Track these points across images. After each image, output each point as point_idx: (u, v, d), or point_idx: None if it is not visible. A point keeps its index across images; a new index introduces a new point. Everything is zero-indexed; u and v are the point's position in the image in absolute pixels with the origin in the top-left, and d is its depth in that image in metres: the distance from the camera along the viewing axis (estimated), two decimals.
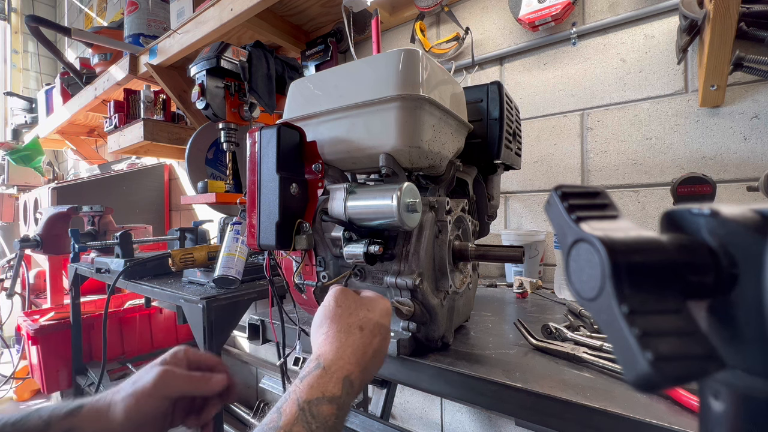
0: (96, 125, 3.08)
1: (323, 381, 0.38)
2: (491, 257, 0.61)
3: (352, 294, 0.50)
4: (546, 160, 1.23)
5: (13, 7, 4.54)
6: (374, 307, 0.48)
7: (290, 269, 0.66)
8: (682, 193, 0.78)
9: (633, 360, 0.16)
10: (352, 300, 0.48)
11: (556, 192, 0.21)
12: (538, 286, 1.05)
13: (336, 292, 0.50)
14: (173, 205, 2.81)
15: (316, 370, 0.40)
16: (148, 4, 2.06)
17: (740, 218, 0.17)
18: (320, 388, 0.38)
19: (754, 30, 0.83)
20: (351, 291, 0.51)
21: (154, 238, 1.87)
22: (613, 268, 0.17)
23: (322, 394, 0.37)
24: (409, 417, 1.57)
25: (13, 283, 2.56)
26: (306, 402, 0.36)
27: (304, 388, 0.38)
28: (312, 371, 0.40)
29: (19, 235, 3.29)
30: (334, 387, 0.38)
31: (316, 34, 1.77)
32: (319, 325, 0.47)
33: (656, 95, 1.05)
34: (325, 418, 0.36)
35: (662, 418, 0.40)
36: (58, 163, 4.37)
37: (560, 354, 0.58)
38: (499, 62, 1.32)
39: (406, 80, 0.56)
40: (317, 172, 0.60)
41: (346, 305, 0.47)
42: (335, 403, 0.37)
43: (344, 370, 0.40)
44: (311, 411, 0.36)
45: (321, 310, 0.48)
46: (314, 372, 0.39)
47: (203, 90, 1.11)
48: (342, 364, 0.41)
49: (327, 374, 0.39)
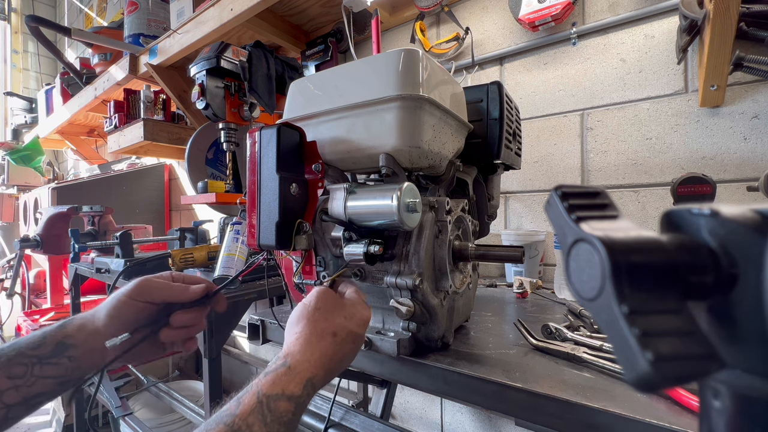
0: (96, 125, 3.09)
1: (286, 379, 0.39)
2: (491, 257, 0.61)
3: (333, 297, 0.50)
4: (546, 160, 1.23)
5: (13, 7, 4.54)
6: (353, 315, 0.48)
7: (290, 269, 0.66)
8: (682, 193, 0.78)
9: (633, 360, 0.16)
10: (332, 303, 0.49)
11: (556, 192, 0.21)
12: (538, 286, 1.05)
13: (318, 293, 0.50)
14: (173, 205, 2.81)
15: (282, 368, 0.40)
16: (148, 4, 2.06)
17: (740, 218, 0.17)
18: (282, 385, 0.39)
19: (754, 30, 0.83)
20: (333, 293, 0.51)
21: (154, 238, 1.87)
22: (613, 268, 0.17)
23: (282, 391, 0.38)
24: (409, 417, 1.57)
25: (13, 283, 2.56)
26: (265, 395, 0.37)
27: (267, 383, 0.39)
28: (278, 368, 0.41)
29: (19, 235, 3.29)
30: (296, 387, 0.39)
31: (316, 34, 1.77)
32: (294, 323, 0.47)
33: (656, 95, 1.05)
34: (281, 413, 0.37)
35: (662, 418, 0.40)
36: (58, 163, 4.37)
37: (560, 354, 0.58)
38: (499, 62, 1.32)
39: (406, 80, 0.56)
40: (317, 172, 0.60)
41: (325, 308, 0.48)
42: (293, 402, 0.38)
43: (308, 372, 0.41)
44: (269, 405, 0.37)
45: (300, 307, 0.49)
46: (279, 369, 0.40)
47: (203, 90, 1.11)
48: (308, 366, 0.41)
49: (291, 373, 0.40)
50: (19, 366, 0.46)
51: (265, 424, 0.36)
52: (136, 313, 0.52)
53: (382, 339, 0.58)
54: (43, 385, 0.47)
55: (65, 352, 0.49)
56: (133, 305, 0.51)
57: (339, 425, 1.01)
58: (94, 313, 0.52)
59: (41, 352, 0.48)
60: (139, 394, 1.82)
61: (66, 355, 0.49)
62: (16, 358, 0.47)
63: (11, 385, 0.45)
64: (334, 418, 1.04)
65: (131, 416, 1.44)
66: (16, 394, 0.46)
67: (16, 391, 0.46)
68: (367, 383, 1.54)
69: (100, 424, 2.01)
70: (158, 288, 0.53)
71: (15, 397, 0.46)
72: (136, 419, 1.43)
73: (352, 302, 0.51)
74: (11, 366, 0.46)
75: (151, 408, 1.76)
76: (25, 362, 0.47)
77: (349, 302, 0.50)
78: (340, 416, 1.04)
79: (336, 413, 1.06)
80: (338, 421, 1.03)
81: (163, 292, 0.53)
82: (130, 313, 0.51)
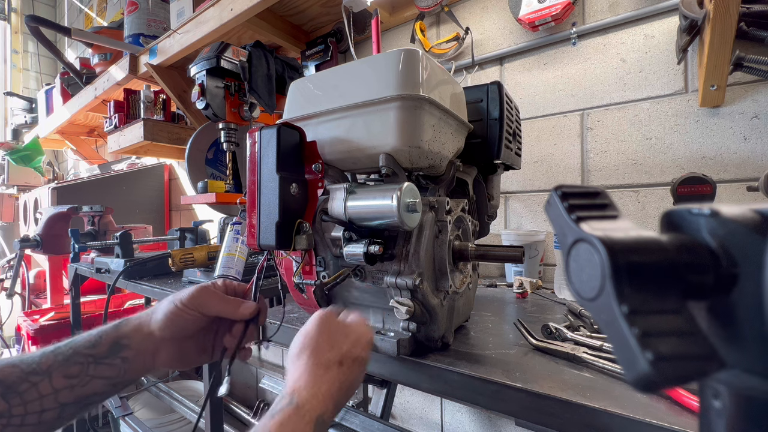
0: (96, 125, 3.08)
1: (295, 419, 0.37)
2: (491, 257, 0.61)
3: (335, 321, 0.48)
4: (546, 160, 1.23)
5: (13, 7, 4.54)
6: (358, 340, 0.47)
7: (290, 269, 0.66)
8: (682, 193, 0.78)
9: (633, 360, 0.16)
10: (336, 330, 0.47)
11: (556, 192, 0.21)
12: (538, 286, 1.05)
13: (319, 319, 0.48)
14: (173, 205, 2.81)
15: (289, 408, 0.38)
16: (148, 4, 2.06)
17: (740, 218, 0.17)
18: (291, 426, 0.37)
19: (754, 30, 0.83)
20: (334, 317, 0.49)
21: (154, 238, 1.87)
22: (613, 268, 0.17)
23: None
24: (409, 417, 1.57)
25: (13, 283, 2.56)
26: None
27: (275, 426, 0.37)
28: (284, 408, 0.38)
29: (19, 235, 3.29)
30: (306, 426, 0.37)
31: (316, 34, 1.77)
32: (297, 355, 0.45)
33: (656, 95, 1.05)
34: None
35: (662, 418, 0.40)
36: (58, 163, 4.37)
37: (560, 354, 0.58)
38: (499, 62, 1.32)
39: (406, 80, 0.56)
40: (317, 172, 0.60)
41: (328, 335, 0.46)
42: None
43: (317, 409, 0.39)
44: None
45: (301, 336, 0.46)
46: (286, 409, 0.38)
47: (203, 90, 1.11)
48: (316, 404, 0.39)
49: (299, 413, 0.38)
50: (75, 365, 0.46)
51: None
52: (190, 322, 0.52)
53: (382, 339, 0.58)
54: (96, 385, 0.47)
55: (119, 353, 0.49)
56: (188, 315, 0.52)
57: (339, 425, 1.01)
58: (150, 315, 0.52)
59: (97, 352, 0.48)
60: (139, 394, 1.82)
61: (120, 355, 0.49)
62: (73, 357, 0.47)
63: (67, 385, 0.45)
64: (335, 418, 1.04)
65: (131, 416, 1.44)
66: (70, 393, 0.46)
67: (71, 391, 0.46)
68: (367, 383, 1.54)
69: (100, 424, 2.01)
70: (213, 301, 0.53)
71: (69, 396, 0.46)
72: (136, 419, 1.43)
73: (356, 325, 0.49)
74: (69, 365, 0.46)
75: (151, 408, 1.76)
76: (81, 361, 0.47)
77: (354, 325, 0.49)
78: (340, 416, 1.04)
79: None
80: (338, 421, 1.03)
81: (217, 307, 0.53)
82: (186, 321, 0.52)
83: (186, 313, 0.51)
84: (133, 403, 1.75)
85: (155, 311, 0.53)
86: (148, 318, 0.52)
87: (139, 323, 0.52)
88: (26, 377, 0.44)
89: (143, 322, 0.52)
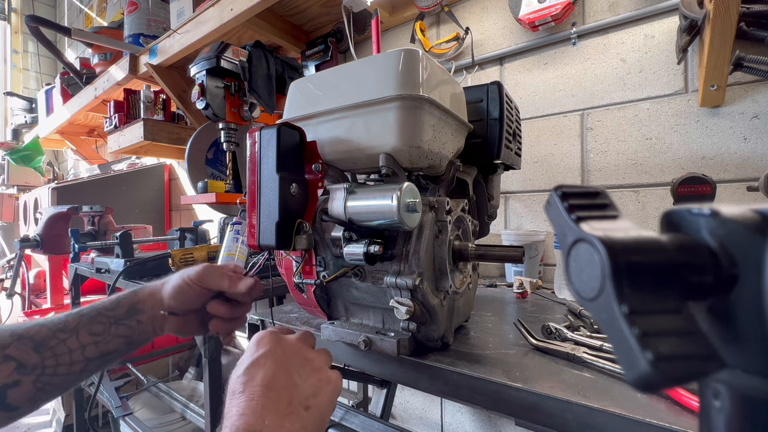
0: (96, 125, 3.08)
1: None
2: (491, 257, 0.61)
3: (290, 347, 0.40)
4: (546, 160, 1.23)
5: (13, 7, 4.54)
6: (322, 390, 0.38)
7: (290, 269, 0.66)
8: (682, 193, 0.78)
9: (633, 360, 0.16)
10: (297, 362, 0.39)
11: (556, 192, 0.21)
12: (538, 286, 1.05)
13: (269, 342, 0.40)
14: (173, 205, 2.81)
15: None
16: (148, 4, 2.06)
17: (740, 218, 0.17)
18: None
19: (754, 30, 0.83)
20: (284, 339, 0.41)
21: (154, 238, 1.87)
22: (613, 268, 0.17)
23: None
24: (409, 417, 1.57)
25: (13, 283, 2.56)
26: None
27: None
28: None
29: (19, 235, 3.29)
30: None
31: (316, 34, 1.77)
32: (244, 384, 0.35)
33: (656, 95, 1.05)
34: None
35: (662, 418, 0.40)
36: (58, 163, 4.37)
37: (560, 354, 0.58)
38: (499, 62, 1.32)
39: (406, 80, 0.56)
40: (317, 172, 0.60)
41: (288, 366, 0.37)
42: None
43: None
44: None
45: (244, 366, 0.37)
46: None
47: (203, 90, 1.11)
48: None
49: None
50: (99, 324, 0.52)
51: None
52: (195, 295, 0.56)
53: (382, 339, 0.58)
54: (116, 343, 0.53)
55: (135, 316, 0.55)
56: (194, 289, 0.56)
57: (339, 425, 1.01)
58: (162, 286, 0.58)
59: (116, 313, 0.54)
60: (139, 394, 1.82)
61: (136, 318, 0.55)
62: (96, 317, 0.52)
63: (92, 341, 0.51)
64: (334, 418, 1.04)
65: (131, 416, 1.44)
66: (95, 349, 0.51)
67: (95, 347, 0.51)
68: (367, 383, 1.54)
69: (100, 424, 2.01)
70: (215, 277, 0.56)
71: (94, 351, 0.51)
72: (136, 419, 1.43)
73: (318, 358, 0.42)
74: (92, 323, 0.52)
75: (151, 408, 1.76)
76: (103, 321, 0.53)
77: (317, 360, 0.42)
78: (340, 416, 1.04)
79: (336, 413, 1.06)
80: (338, 421, 1.03)
81: (218, 282, 0.56)
82: (191, 294, 0.56)
83: (191, 287, 0.55)
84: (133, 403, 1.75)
85: (166, 282, 0.57)
86: (159, 288, 0.57)
87: (153, 291, 0.57)
88: (54, 334, 0.49)
89: (156, 290, 0.57)
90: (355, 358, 0.65)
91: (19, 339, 0.47)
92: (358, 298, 0.64)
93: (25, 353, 0.46)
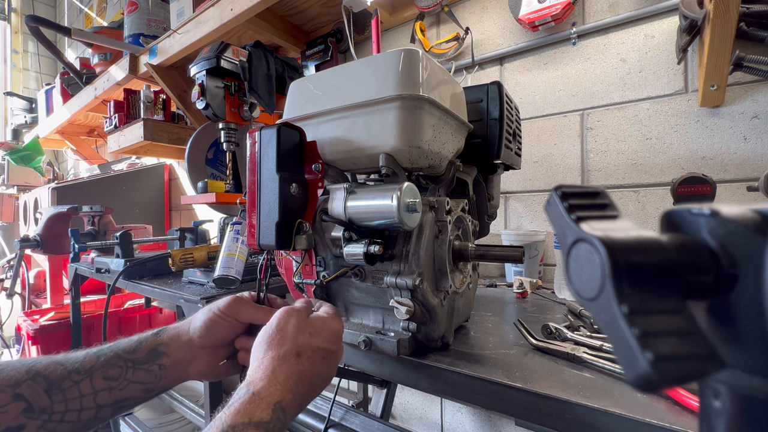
0: (96, 125, 3.08)
1: (251, 407, 0.37)
2: (491, 257, 0.61)
3: (296, 317, 0.48)
4: (546, 160, 1.23)
5: (13, 7, 4.54)
6: (318, 331, 0.46)
7: (290, 269, 0.66)
8: (682, 193, 0.78)
9: (633, 360, 0.16)
10: (294, 324, 0.46)
11: (556, 192, 0.21)
12: (538, 286, 1.05)
13: (279, 315, 0.48)
14: (173, 205, 2.81)
15: (246, 396, 0.38)
16: (148, 4, 2.06)
17: (740, 218, 0.17)
18: (247, 413, 0.36)
19: (754, 30, 0.83)
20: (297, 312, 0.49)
21: (154, 238, 1.87)
22: (613, 268, 0.17)
23: (248, 419, 0.36)
24: (409, 417, 1.57)
25: (13, 283, 2.56)
26: (231, 427, 0.35)
27: (230, 414, 0.36)
28: (241, 398, 0.38)
29: (19, 235, 3.29)
30: (263, 412, 0.37)
31: (316, 34, 1.77)
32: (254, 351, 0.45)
33: (656, 95, 1.05)
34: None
35: (662, 418, 0.40)
36: (58, 163, 4.37)
37: (560, 354, 0.58)
38: (499, 62, 1.32)
39: (406, 80, 0.56)
40: (317, 172, 0.60)
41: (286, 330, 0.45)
42: (263, 428, 0.36)
43: (275, 396, 0.39)
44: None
45: (261, 332, 0.47)
46: (243, 398, 0.38)
47: (203, 90, 1.11)
48: (273, 391, 0.39)
49: (256, 400, 0.37)
50: (115, 368, 0.48)
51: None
52: (226, 328, 0.54)
53: (382, 339, 0.58)
54: (132, 390, 0.49)
55: (157, 360, 0.51)
56: (226, 321, 0.53)
57: (339, 425, 1.01)
58: (188, 325, 0.54)
59: (136, 357, 0.50)
60: None
61: (157, 362, 0.50)
62: (113, 359, 0.48)
63: (106, 387, 0.47)
64: (334, 418, 1.04)
65: (131, 416, 1.44)
66: (108, 395, 0.47)
67: (108, 393, 0.47)
68: (367, 383, 1.54)
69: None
70: (247, 308, 0.55)
71: (107, 398, 0.47)
72: (136, 419, 1.43)
73: (318, 318, 0.49)
74: (109, 367, 0.48)
75: (151, 408, 1.76)
76: (121, 365, 0.48)
77: (316, 319, 0.49)
78: (340, 416, 1.04)
79: (336, 413, 1.06)
80: (338, 421, 1.03)
81: (250, 314, 0.55)
82: (222, 327, 0.53)
83: (223, 320, 0.53)
84: None
85: (193, 320, 0.55)
86: (186, 327, 0.54)
87: (177, 332, 0.53)
88: (69, 375, 0.46)
89: (181, 331, 0.54)
90: (355, 358, 0.65)
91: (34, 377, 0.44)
92: (358, 298, 0.64)
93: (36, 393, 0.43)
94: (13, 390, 0.42)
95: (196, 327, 0.53)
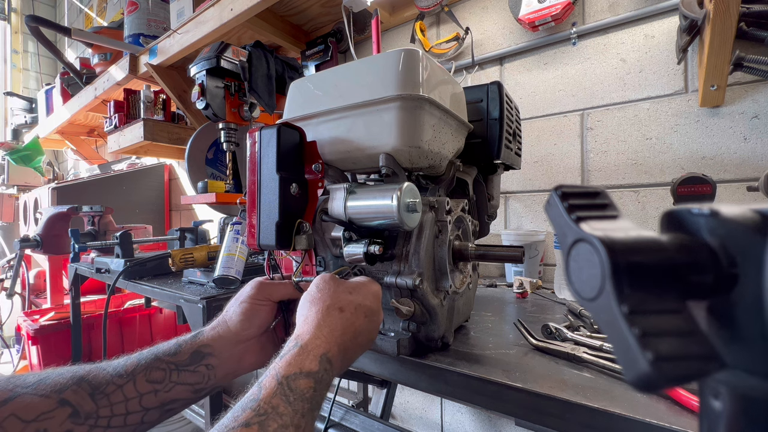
0: (96, 125, 3.08)
1: (300, 358, 0.40)
2: (491, 257, 0.61)
3: (334, 280, 0.50)
4: (546, 160, 1.23)
5: (13, 7, 4.54)
6: (357, 290, 0.49)
7: (290, 269, 0.66)
8: (682, 193, 0.78)
9: (633, 360, 0.16)
10: (334, 284, 0.49)
11: (556, 192, 0.21)
12: (538, 286, 1.05)
13: (319, 279, 0.51)
14: (173, 205, 2.81)
15: (295, 349, 0.41)
16: (148, 4, 2.06)
17: (740, 218, 0.17)
18: (297, 364, 0.39)
19: (754, 30, 0.83)
20: (334, 277, 0.52)
21: (154, 238, 1.87)
22: (613, 268, 0.17)
23: (299, 369, 0.39)
24: (409, 417, 1.57)
25: (13, 283, 2.56)
26: (284, 377, 0.38)
27: (283, 365, 0.39)
28: (291, 350, 0.41)
29: (19, 235, 3.29)
30: (311, 363, 0.40)
31: (316, 34, 1.77)
32: (299, 311, 0.48)
33: (656, 95, 1.05)
34: (303, 390, 0.38)
35: (662, 418, 0.40)
36: (58, 163, 4.37)
37: (560, 354, 0.58)
38: (499, 62, 1.32)
39: (406, 80, 0.56)
40: (317, 172, 0.60)
41: (327, 289, 0.48)
42: (312, 378, 0.39)
43: (321, 348, 0.42)
44: (289, 385, 0.37)
45: (304, 295, 0.50)
46: (292, 351, 0.41)
47: (203, 90, 1.11)
48: (319, 343, 0.42)
49: (304, 352, 0.41)
50: (158, 371, 0.48)
51: (288, 403, 0.36)
52: (265, 312, 0.55)
53: (382, 339, 0.58)
54: (180, 391, 0.49)
55: (203, 360, 0.51)
56: (263, 306, 0.55)
57: (339, 425, 1.01)
58: (225, 323, 0.55)
59: (178, 360, 0.50)
60: None
61: (204, 363, 0.51)
62: (154, 363, 0.49)
63: (151, 389, 0.47)
64: (334, 418, 1.04)
65: None
66: (154, 398, 0.47)
67: (154, 395, 0.47)
68: (367, 383, 1.54)
69: None
70: (276, 287, 0.56)
71: (153, 401, 0.47)
72: None
73: (358, 280, 0.52)
74: (151, 370, 0.48)
75: None
76: (163, 368, 0.49)
77: (355, 280, 0.52)
78: (340, 416, 1.04)
79: (336, 413, 1.06)
80: (338, 421, 1.03)
81: (281, 291, 0.56)
82: (261, 312, 0.55)
83: (260, 304, 0.55)
84: None
85: (227, 317, 0.55)
86: (224, 325, 0.54)
87: (217, 332, 0.54)
88: (112, 379, 0.46)
89: (221, 330, 0.54)
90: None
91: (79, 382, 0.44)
92: None
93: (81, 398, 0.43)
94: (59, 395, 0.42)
95: (235, 321, 0.54)
